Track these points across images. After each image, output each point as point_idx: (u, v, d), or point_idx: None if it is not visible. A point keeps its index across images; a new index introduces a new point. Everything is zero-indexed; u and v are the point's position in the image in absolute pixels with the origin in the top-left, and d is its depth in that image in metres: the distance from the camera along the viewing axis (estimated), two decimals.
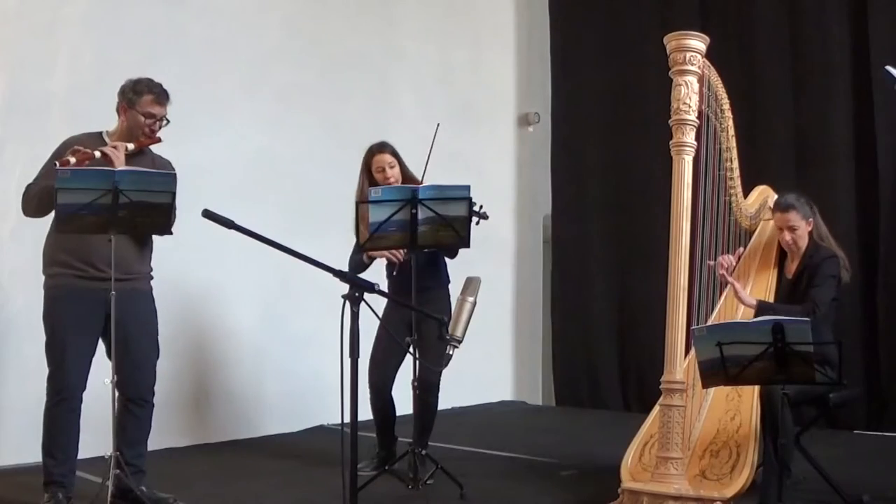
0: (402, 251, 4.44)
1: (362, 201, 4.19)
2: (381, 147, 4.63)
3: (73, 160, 3.66)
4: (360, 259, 4.53)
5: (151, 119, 3.91)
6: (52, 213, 3.69)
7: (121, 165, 3.70)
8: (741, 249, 4.35)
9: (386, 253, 4.44)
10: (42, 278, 3.94)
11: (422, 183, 4.48)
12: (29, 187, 3.87)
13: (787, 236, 4.23)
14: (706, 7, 6.77)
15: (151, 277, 4.08)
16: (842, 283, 4.19)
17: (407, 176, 4.63)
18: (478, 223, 4.46)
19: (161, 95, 3.94)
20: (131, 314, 3.83)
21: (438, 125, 4.53)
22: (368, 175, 4.62)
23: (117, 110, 3.95)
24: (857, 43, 6.01)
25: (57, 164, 3.66)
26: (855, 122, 6.07)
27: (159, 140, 3.99)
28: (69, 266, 3.85)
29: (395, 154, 4.64)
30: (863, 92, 5.97)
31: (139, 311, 3.93)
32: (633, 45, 6.96)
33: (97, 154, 3.71)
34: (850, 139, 6.09)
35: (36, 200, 3.84)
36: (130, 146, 3.86)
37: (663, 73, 3.93)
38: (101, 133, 3.97)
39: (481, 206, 4.44)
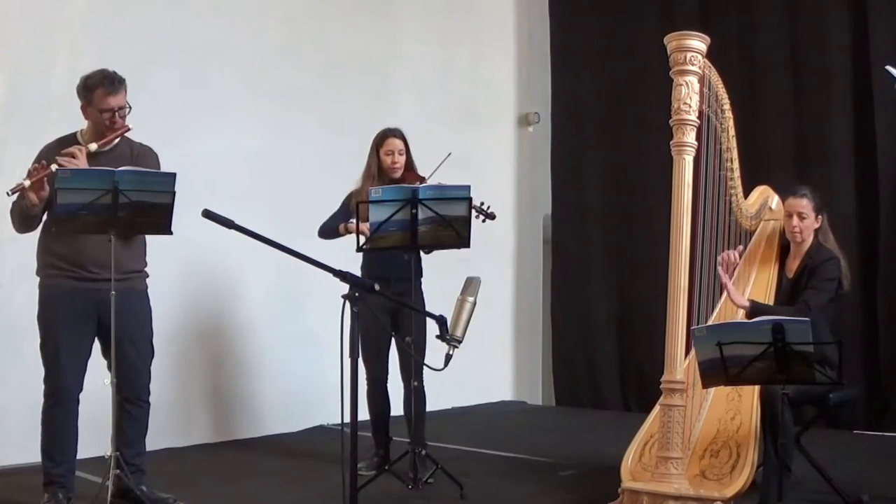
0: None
1: (362, 201, 4.19)
2: (395, 132, 4.74)
3: (27, 183, 3.61)
4: (334, 227, 4.64)
5: (109, 112, 3.80)
6: (42, 219, 3.72)
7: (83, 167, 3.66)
8: (741, 247, 4.33)
9: (355, 227, 4.36)
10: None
11: (425, 178, 4.61)
12: (13, 205, 3.84)
13: (795, 221, 4.16)
14: (706, 7, 6.76)
15: (146, 276, 4.06)
16: (843, 287, 4.14)
17: (410, 166, 4.73)
18: (484, 221, 4.52)
19: (112, 85, 3.79)
20: (125, 314, 3.81)
21: (449, 154, 4.67)
22: (377, 156, 4.71)
23: (81, 110, 3.88)
24: (857, 44, 6.01)
25: (8, 192, 3.63)
26: (855, 122, 6.06)
27: (127, 129, 3.88)
28: (60, 267, 3.85)
29: (405, 142, 4.74)
30: (863, 92, 5.97)
31: (133, 310, 3.91)
32: (633, 45, 6.95)
33: (53, 167, 3.63)
34: (850, 139, 6.08)
35: (16, 219, 3.86)
36: (93, 146, 3.78)
37: (663, 73, 3.92)
38: (75, 134, 3.93)
39: (489, 206, 4.55)
